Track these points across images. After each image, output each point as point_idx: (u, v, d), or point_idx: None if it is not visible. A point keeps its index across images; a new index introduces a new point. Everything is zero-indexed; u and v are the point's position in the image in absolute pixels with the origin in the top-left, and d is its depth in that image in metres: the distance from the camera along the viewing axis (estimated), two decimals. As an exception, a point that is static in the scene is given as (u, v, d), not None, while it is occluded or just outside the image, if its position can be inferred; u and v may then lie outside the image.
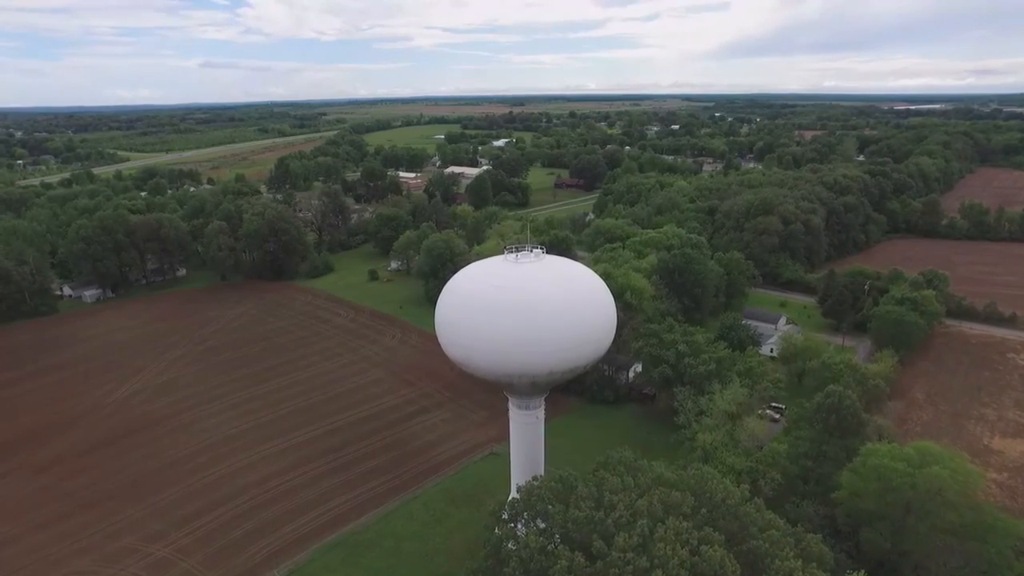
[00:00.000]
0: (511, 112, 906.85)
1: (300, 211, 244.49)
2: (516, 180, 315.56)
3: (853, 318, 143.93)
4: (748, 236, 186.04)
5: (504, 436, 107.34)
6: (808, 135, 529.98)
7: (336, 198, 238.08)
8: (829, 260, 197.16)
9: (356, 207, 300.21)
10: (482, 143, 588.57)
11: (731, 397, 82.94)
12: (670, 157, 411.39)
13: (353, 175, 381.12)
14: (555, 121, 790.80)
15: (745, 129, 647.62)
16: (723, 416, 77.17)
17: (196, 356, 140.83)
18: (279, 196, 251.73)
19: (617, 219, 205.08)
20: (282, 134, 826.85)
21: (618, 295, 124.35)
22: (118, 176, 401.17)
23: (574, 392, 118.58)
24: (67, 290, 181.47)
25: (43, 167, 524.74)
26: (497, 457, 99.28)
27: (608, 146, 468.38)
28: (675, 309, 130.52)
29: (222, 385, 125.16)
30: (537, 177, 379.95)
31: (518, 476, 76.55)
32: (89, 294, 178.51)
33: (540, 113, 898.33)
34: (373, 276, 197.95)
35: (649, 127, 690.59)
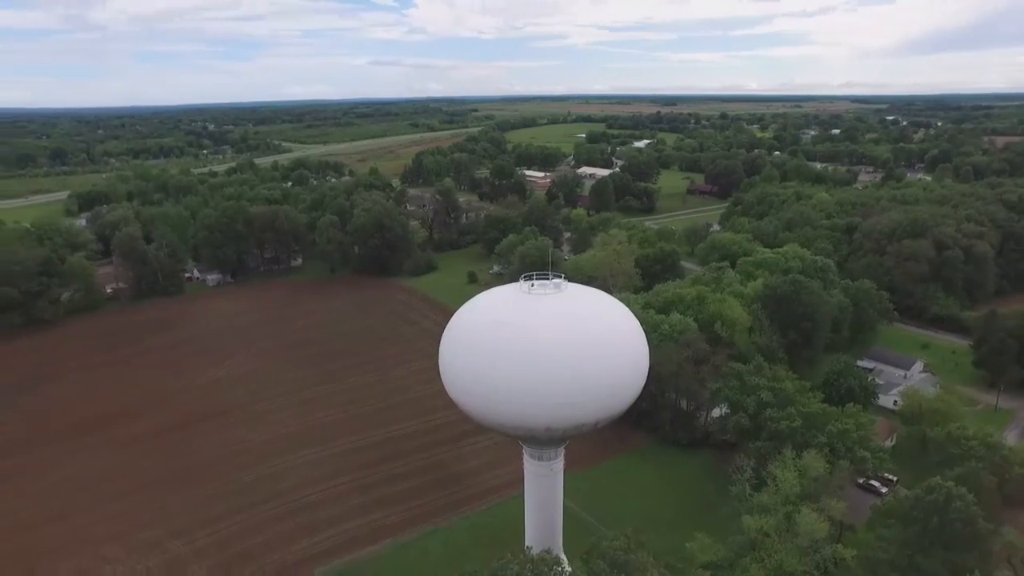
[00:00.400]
0: (659, 112, 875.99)
1: (414, 208, 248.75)
2: (643, 184, 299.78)
3: (1017, 373, 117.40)
4: (890, 261, 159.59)
5: (568, 468, 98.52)
6: (1001, 141, 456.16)
7: (449, 196, 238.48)
8: (999, 296, 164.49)
9: (478, 205, 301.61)
10: (623, 143, 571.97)
11: (805, 469, 67.60)
12: (821, 165, 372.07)
13: (483, 172, 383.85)
14: (704, 122, 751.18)
15: (920, 134, 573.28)
16: (786, 494, 62.68)
17: (282, 348, 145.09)
18: (391, 192, 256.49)
19: (738, 233, 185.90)
20: (431, 129, 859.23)
21: (707, 325, 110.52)
22: (273, 166, 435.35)
23: (645, 427, 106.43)
24: (196, 273, 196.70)
25: (220, 156, 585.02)
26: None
27: (755, 150, 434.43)
28: (776, 345, 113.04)
29: (294, 381, 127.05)
30: (670, 181, 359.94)
31: (531, 533, 67.54)
32: (211, 278, 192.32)
33: (689, 114, 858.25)
34: (472, 279, 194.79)
35: (806, 131, 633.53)
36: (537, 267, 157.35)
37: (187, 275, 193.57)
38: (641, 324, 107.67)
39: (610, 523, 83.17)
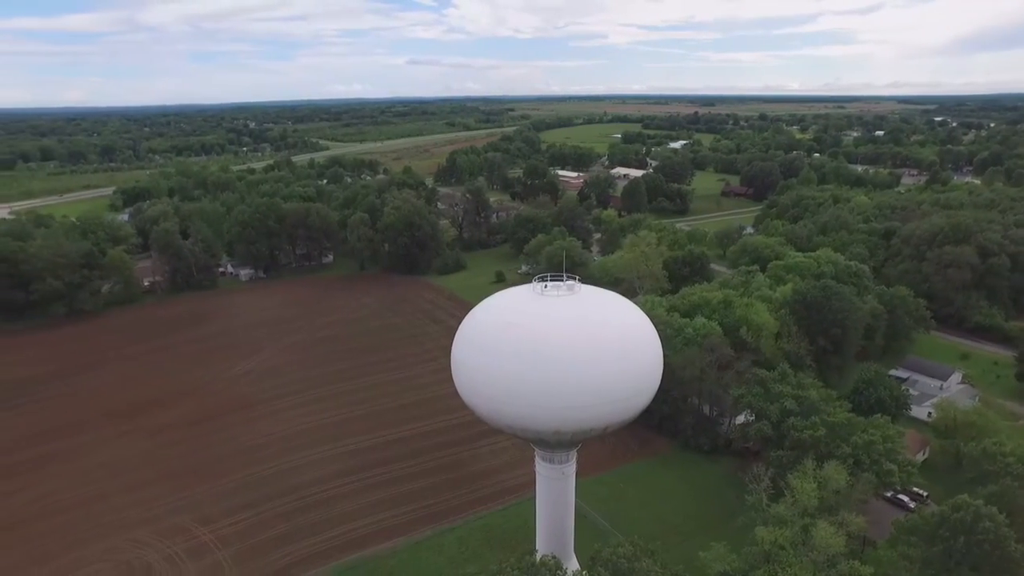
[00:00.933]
0: (696, 113, 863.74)
1: (445, 207, 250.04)
2: (676, 185, 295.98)
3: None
4: (929, 268, 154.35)
5: (582, 472, 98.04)
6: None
7: (479, 195, 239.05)
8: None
9: (510, 204, 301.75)
10: (658, 144, 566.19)
11: (826, 480, 65.58)
12: (862, 167, 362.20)
13: (515, 172, 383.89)
14: (742, 123, 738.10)
15: (970, 136, 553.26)
16: (804, 506, 60.77)
17: (308, 343, 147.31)
18: (423, 191, 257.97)
19: (771, 236, 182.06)
20: (466, 128, 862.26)
21: (732, 329, 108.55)
22: (310, 164, 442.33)
23: (666, 432, 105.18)
24: (230, 268, 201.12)
25: (260, 154, 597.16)
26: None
27: (793, 152, 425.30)
28: (804, 352, 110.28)
29: (317, 376, 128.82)
30: (705, 183, 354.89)
31: (542, 537, 67.18)
32: (244, 273, 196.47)
33: (727, 114, 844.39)
34: (500, 278, 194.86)
35: (848, 132, 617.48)
36: (563, 267, 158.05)
37: (221, 270, 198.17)
38: (665, 327, 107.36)
39: (626, 529, 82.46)
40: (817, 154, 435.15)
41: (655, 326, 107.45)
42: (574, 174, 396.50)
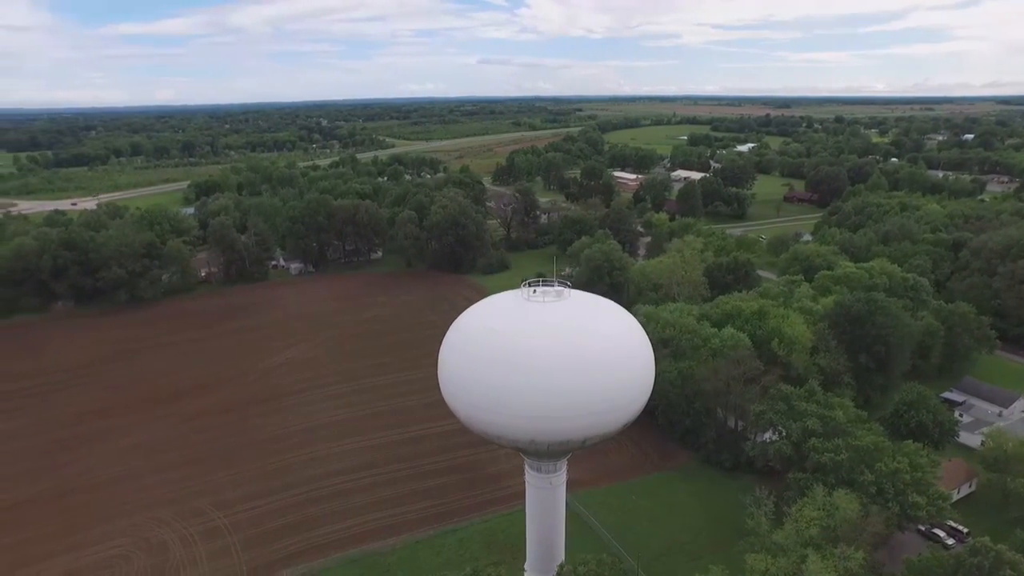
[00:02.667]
0: (768, 115, 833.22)
1: (495, 206, 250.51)
2: (735, 189, 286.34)
3: None
4: (1001, 283, 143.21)
5: (596, 481, 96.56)
6: None
7: (528, 196, 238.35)
8: None
9: (563, 205, 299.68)
10: (725, 147, 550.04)
11: (835, 508, 61.34)
12: (943, 173, 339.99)
13: (573, 173, 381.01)
14: (816, 126, 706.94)
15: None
16: (805, 535, 56.96)
17: (345, 338, 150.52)
18: (472, 191, 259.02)
19: (825, 245, 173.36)
20: (532, 128, 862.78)
21: (764, 341, 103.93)
22: (373, 161, 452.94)
23: (689, 445, 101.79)
24: (282, 261, 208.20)
25: (328, 151, 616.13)
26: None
27: (868, 156, 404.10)
28: (842, 368, 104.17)
29: (349, 370, 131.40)
30: (768, 187, 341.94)
31: (531, 546, 65.96)
32: (294, 267, 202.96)
33: (800, 117, 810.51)
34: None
35: (932, 136, 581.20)
36: (602, 270, 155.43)
37: (273, 263, 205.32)
38: (691, 337, 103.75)
39: (631, 543, 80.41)
40: (895, 159, 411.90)
41: (683, 335, 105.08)
42: (632, 176, 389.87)
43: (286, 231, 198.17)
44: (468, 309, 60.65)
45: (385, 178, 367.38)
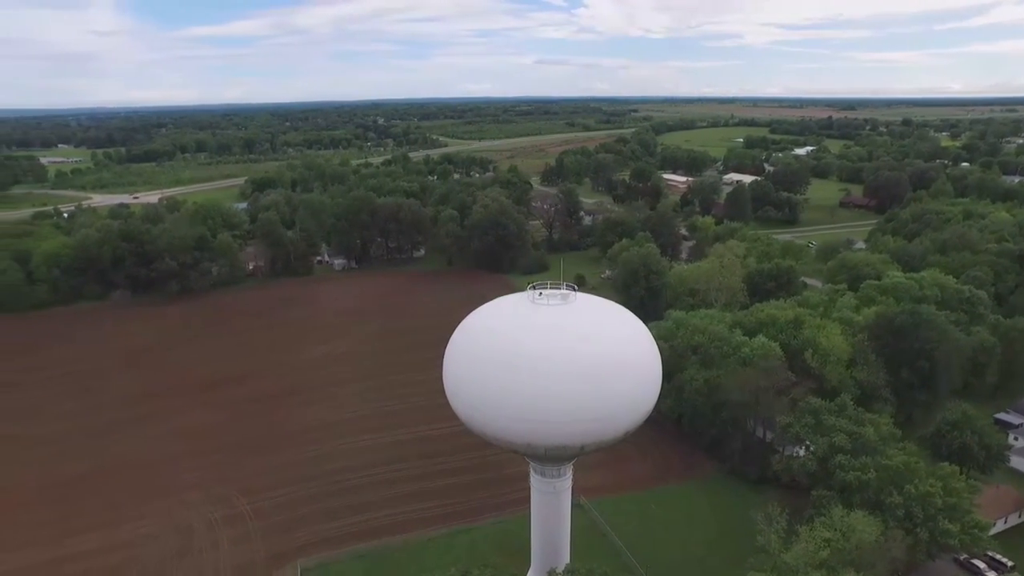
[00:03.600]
0: (830, 117, 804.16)
1: (538, 206, 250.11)
2: (787, 194, 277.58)
3: None
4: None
5: (616, 487, 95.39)
6: None
7: (570, 197, 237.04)
8: None
9: (609, 207, 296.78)
10: (782, 150, 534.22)
11: (850, 530, 58.54)
12: (1018, 179, 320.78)
13: (623, 174, 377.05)
14: (881, 129, 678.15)
15: None
16: (815, 557, 54.49)
17: (382, 333, 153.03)
18: (514, 191, 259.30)
19: (876, 253, 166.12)
20: (586, 129, 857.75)
21: (798, 352, 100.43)
22: (424, 160, 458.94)
23: (715, 456, 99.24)
24: (327, 257, 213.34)
25: (382, 149, 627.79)
26: (580, 511, 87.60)
27: (935, 161, 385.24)
28: (882, 384, 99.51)
29: (383, 366, 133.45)
30: (824, 192, 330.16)
31: (536, 551, 65.67)
32: (338, 263, 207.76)
33: (864, 119, 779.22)
34: (580, 281, 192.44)
35: (1012, 139, 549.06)
36: (638, 274, 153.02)
37: (318, 259, 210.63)
38: (721, 345, 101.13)
39: (643, 553, 79.01)
40: (966, 163, 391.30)
41: (712, 342, 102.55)
42: (682, 178, 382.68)
43: (331, 227, 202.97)
44: (476, 310, 60.86)
45: (434, 177, 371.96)
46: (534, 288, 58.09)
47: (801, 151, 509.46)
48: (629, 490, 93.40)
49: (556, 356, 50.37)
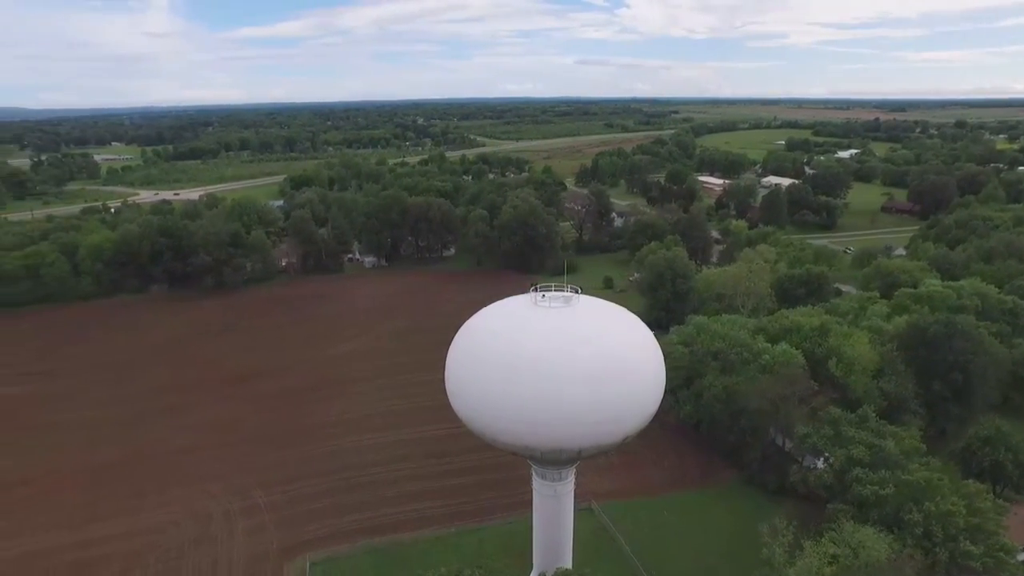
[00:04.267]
0: (877, 119, 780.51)
1: (570, 207, 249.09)
2: (825, 198, 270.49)
3: None
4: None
5: (630, 492, 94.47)
6: None
7: (601, 198, 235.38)
8: None
9: (642, 209, 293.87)
10: (824, 152, 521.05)
11: (859, 547, 56.60)
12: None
13: (657, 176, 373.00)
14: (931, 131, 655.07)
15: None
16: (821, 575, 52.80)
17: (408, 331, 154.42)
18: (545, 191, 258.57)
19: (914, 260, 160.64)
20: (624, 130, 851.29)
21: (822, 361, 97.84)
22: (460, 160, 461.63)
23: (735, 463, 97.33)
24: (357, 254, 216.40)
25: (420, 148, 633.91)
26: (590, 515, 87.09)
27: (989, 164, 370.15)
28: (910, 396, 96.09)
29: (405, 363, 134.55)
30: (866, 197, 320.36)
31: (537, 553, 65.34)
32: (368, 260, 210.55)
33: (914, 121, 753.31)
34: (608, 284, 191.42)
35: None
36: (664, 277, 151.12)
37: (350, 256, 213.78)
38: (741, 351, 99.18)
39: (651, 561, 78.14)
40: (1022, 167, 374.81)
41: (733, 348, 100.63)
42: (719, 181, 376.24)
43: (361, 225, 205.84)
44: (480, 311, 60.97)
45: (469, 177, 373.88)
46: (536, 290, 57.90)
47: (844, 154, 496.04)
48: (643, 495, 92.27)
49: (553, 358, 49.99)
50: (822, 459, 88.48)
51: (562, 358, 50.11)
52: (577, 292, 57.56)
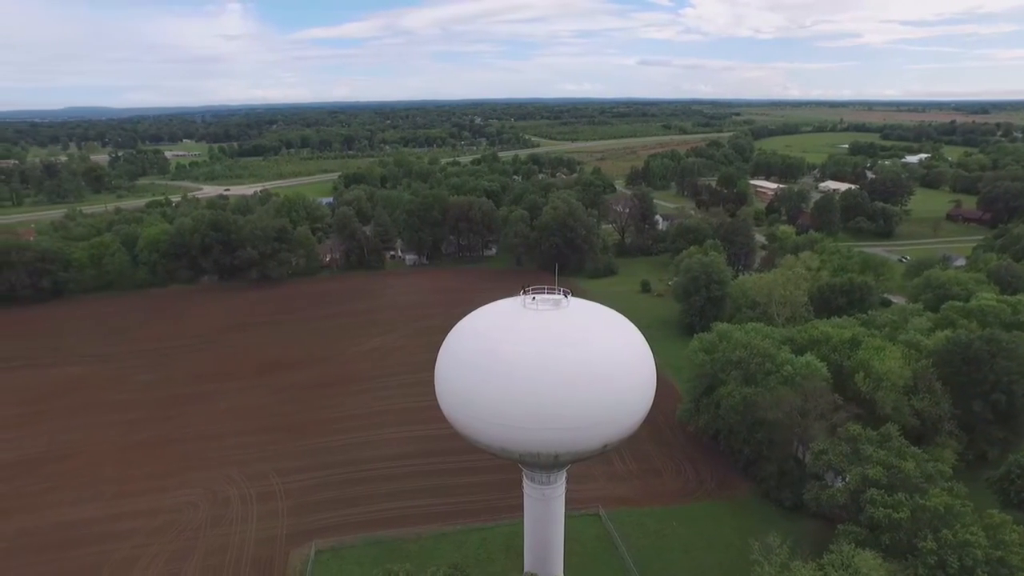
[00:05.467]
0: (953, 121, 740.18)
1: (615, 209, 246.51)
2: (882, 204, 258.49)
3: None
4: None
5: (640, 500, 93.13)
6: None
7: (644, 201, 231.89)
8: None
9: (690, 212, 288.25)
10: (892, 156, 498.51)
11: (857, 571, 53.82)
12: None
13: (708, 180, 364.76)
14: (1015, 134, 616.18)
15: None
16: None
17: (436, 329, 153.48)
18: (589, 193, 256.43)
19: (970, 272, 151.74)
20: (682, 132, 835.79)
21: (849, 375, 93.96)
22: (513, 160, 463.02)
23: (750, 476, 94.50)
24: (399, 252, 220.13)
25: (474, 148, 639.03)
26: (597, 521, 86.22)
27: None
28: (946, 416, 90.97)
29: (427, 362, 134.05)
30: (933, 203, 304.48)
31: (528, 557, 65.18)
32: (409, 258, 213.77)
33: (996, 124, 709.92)
34: (645, 288, 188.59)
35: None
36: (699, 282, 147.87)
37: (391, 254, 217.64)
38: (763, 361, 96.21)
39: (651, 572, 76.75)
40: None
41: (754, 358, 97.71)
42: (773, 185, 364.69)
43: (403, 224, 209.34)
44: (470, 314, 61.38)
45: (518, 177, 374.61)
46: (526, 292, 57.81)
47: (913, 158, 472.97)
48: (654, 504, 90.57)
49: (531, 361, 49.80)
50: (842, 478, 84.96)
51: (540, 361, 49.81)
52: (567, 295, 57.14)
